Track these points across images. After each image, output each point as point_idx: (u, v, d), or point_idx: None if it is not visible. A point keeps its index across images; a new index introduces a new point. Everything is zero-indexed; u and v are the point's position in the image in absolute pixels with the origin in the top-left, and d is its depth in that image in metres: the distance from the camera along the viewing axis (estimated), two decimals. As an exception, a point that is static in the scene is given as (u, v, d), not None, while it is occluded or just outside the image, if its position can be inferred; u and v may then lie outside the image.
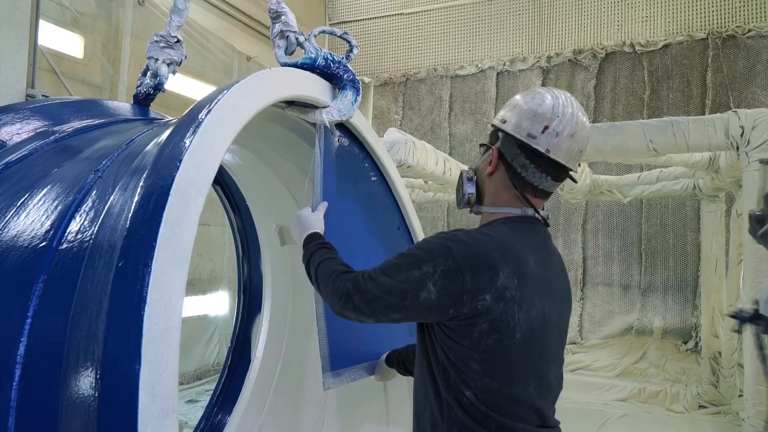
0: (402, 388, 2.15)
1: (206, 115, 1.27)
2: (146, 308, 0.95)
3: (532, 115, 1.32)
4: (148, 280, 0.97)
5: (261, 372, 2.76)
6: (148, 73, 2.28)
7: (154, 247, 1.00)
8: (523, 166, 1.32)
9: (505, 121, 1.36)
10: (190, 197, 1.11)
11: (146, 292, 0.96)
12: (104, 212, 1.24)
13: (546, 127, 1.30)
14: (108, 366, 0.93)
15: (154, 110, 2.40)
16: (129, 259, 1.00)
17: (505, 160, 1.35)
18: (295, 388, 2.72)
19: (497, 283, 1.18)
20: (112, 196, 1.28)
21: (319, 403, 2.54)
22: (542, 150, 1.30)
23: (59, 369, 1.04)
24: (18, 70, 3.11)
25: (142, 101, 2.32)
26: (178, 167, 1.11)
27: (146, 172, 1.14)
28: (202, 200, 1.14)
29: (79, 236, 1.25)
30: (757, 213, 1.55)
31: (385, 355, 1.84)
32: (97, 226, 1.21)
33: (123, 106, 2.31)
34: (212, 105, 1.31)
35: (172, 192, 1.08)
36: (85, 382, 0.97)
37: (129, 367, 0.92)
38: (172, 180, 1.09)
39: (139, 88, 2.30)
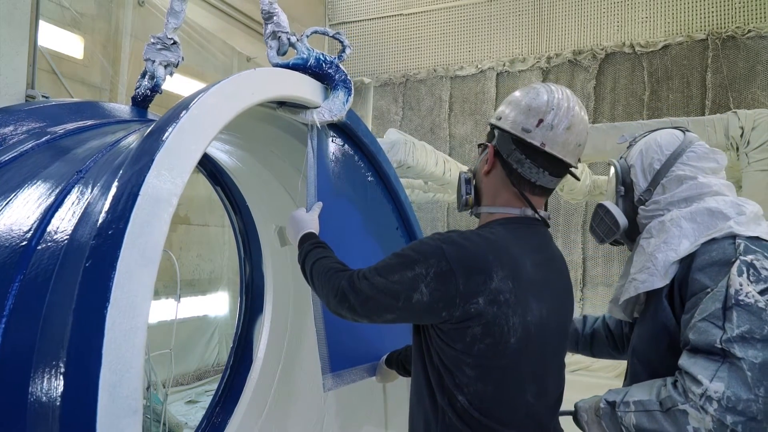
0: (401, 389, 2.12)
1: (184, 113, 1.27)
2: (109, 308, 0.94)
3: (527, 110, 1.30)
4: (113, 280, 0.97)
5: (262, 373, 2.76)
6: (147, 75, 2.29)
7: (120, 247, 0.99)
8: (519, 162, 1.29)
9: (500, 118, 1.35)
10: (161, 197, 1.10)
11: (110, 293, 0.95)
12: (81, 212, 1.23)
13: (540, 121, 1.27)
14: (71, 366, 0.93)
15: (153, 112, 2.41)
16: (96, 259, 1.00)
17: (501, 157, 1.33)
18: (296, 389, 2.71)
19: (490, 287, 1.15)
20: (91, 196, 1.27)
21: (319, 404, 2.53)
22: (537, 144, 1.27)
23: (30, 370, 1.03)
24: (18, 70, 3.12)
25: (141, 103, 2.33)
26: (150, 166, 1.10)
27: (121, 171, 1.13)
28: (175, 200, 1.12)
29: (56, 236, 1.24)
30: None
31: (385, 356, 1.82)
32: (73, 226, 1.20)
33: (121, 108, 2.32)
34: (191, 104, 1.30)
35: (141, 192, 1.06)
36: (51, 383, 0.97)
37: (90, 367, 0.91)
38: (143, 179, 1.08)
39: (137, 90, 2.32)
